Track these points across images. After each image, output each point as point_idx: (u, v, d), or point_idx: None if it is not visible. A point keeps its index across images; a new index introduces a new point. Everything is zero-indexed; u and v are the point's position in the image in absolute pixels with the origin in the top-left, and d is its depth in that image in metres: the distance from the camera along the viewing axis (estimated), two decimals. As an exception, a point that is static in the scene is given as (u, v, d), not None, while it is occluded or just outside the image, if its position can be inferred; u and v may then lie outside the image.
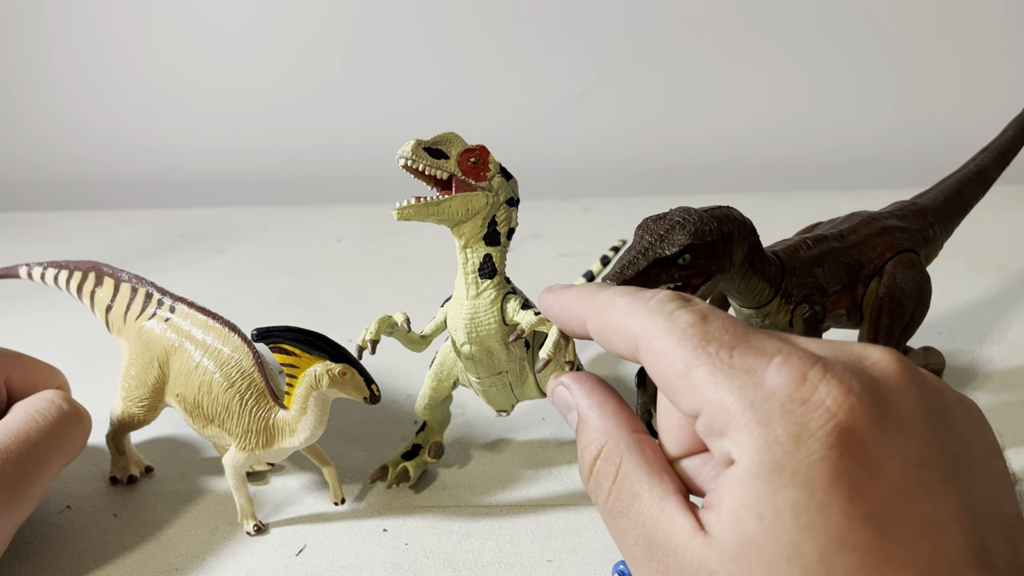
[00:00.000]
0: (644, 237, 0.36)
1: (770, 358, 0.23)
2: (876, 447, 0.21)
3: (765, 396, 0.22)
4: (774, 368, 0.22)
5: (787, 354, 0.22)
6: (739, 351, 0.23)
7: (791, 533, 0.21)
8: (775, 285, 0.39)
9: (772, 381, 0.22)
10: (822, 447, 0.21)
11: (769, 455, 0.21)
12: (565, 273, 0.76)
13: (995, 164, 0.53)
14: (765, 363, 0.22)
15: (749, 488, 0.22)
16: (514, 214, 0.40)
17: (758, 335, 0.24)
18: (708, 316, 0.25)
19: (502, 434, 0.50)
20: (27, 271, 0.50)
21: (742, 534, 0.22)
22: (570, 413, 0.29)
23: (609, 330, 0.27)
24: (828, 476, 0.21)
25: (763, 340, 0.23)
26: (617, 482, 0.26)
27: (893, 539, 0.20)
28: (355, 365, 0.39)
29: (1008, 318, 0.64)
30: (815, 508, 0.20)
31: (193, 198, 1.12)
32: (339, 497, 0.43)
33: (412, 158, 0.37)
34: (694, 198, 0.47)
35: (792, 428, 0.21)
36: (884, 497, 0.20)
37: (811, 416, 0.21)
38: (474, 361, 0.41)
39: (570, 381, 0.29)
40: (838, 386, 0.21)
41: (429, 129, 0.40)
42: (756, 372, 0.22)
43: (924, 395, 0.22)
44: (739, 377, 0.23)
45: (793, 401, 0.21)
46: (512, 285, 0.41)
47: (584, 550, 0.40)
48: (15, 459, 0.37)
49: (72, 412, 0.41)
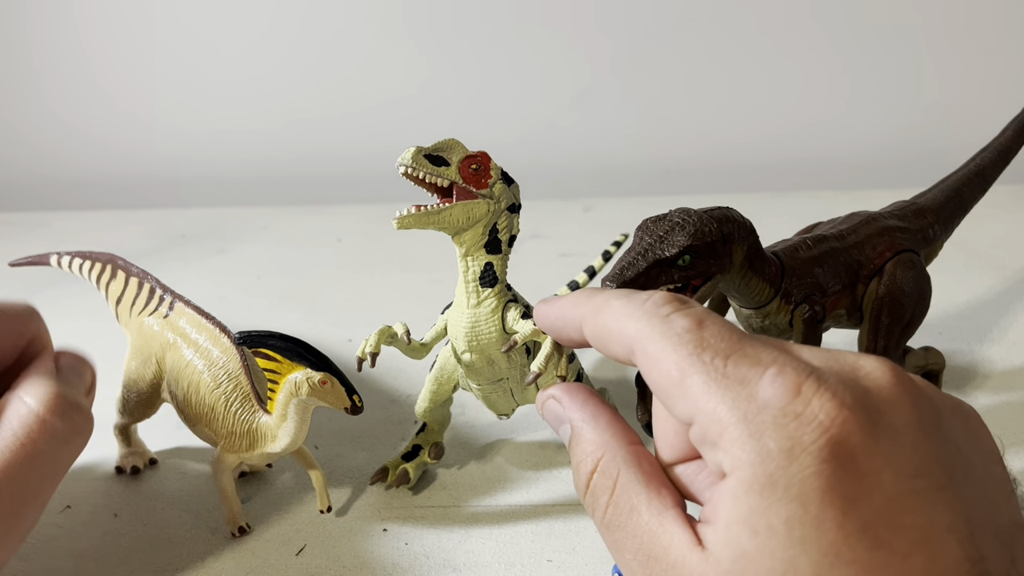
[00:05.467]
0: (644, 238, 0.36)
1: (764, 369, 0.22)
2: (869, 460, 0.21)
3: (758, 408, 0.22)
4: (768, 380, 0.22)
5: (781, 365, 0.22)
6: (734, 360, 0.23)
7: (786, 548, 0.21)
8: (775, 285, 0.39)
9: (766, 393, 0.22)
10: (815, 461, 0.21)
11: (762, 469, 0.21)
12: (565, 273, 0.75)
13: (995, 164, 0.53)
14: (759, 374, 0.22)
15: (743, 503, 0.22)
16: (516, 221, 0.40)
17: (754, 343, 0.24)
18: (704, 321, 0.24)
19: (502, 435, 0.50)
20: (57, 259, 0.52)
21: (737, 549, 0.22)
22: (562, 426, 0.29)
23: (605, 333, 0.27)
24: (821, 490, 0.21)
25: (758, 349, 0.23)
26: (615, 496, 0.26)
27: (888, 551, 0.20)
28: (337, 375, 0.38)
29: (1008, 318, 0.64)
30: (809, 523, 0.20)
31: (193, 198, 1.12)
32: (325, 505, 0.42)
33: (412, 166, 0.36)
34: (694, 198, 0.47)
35: (785, 442, 0.21)
36: (878, 509, 0.20)
37: (804, 430, 0.21)
38: (474, 368, 0.41)
39: (561, 394, 0.29)
40: (831, 400, 0.21)
41: (429, 129, 0.40)
42: (750, 383, 0.22)
43: (917, 404, 0.22)
44: (733, 388, 0.22)
45: (786, 415, 0.21)
46: (513, 293, 0.41)
47: (584, 550, 0.40)
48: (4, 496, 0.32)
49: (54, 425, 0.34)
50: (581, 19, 1.07)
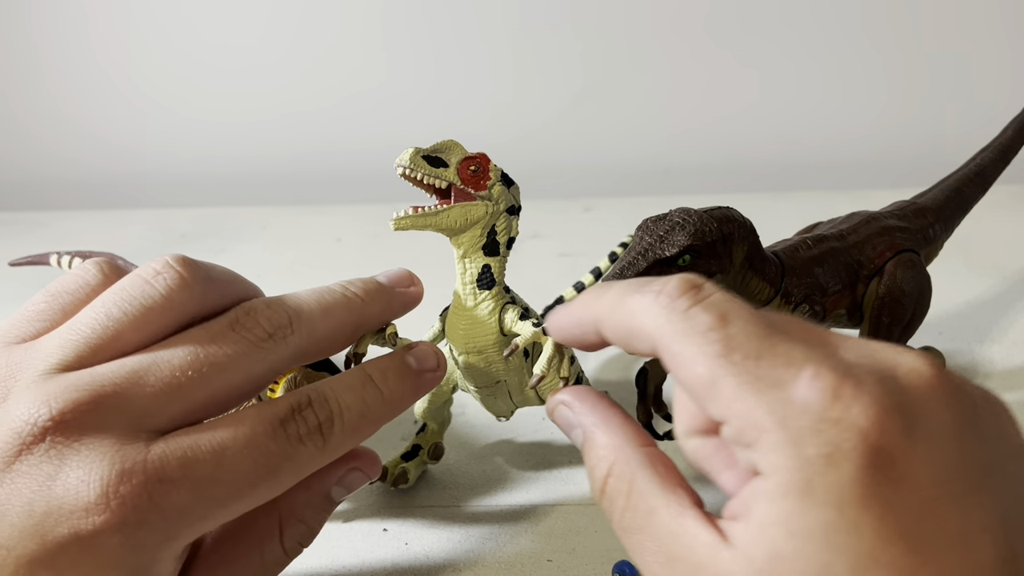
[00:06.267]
0: (644, 238, 0.36)
1: (798, 370, 0.22)
2: (906, 464, 0.21)
3: (796, 414, 0.22)
4: (804, 383, 0.22)
5: (817, 366, 0.22)
6: (766, 361, 0.23)
7: (822, 552, 0.21)
8: (775, 285, 0.39)
9: (803, 397, 0.22)
10: (854, 468, 0.21)
11: (800, 475, 0.21)
12: (565, 273, 0.75)
13: (995, 163, 0.53)
14: (794, 375, 0.22)
15: (779, 506, 0.22)
16: (515, 223, 0.40)
17: (785, 339, 0.23)
18: (727, 316, 0.24)
19: (502, 435, 0.50)
20: (57, 259, 0.53)
21: (771, 551, 0.22)
22: (574, 431, 0.29)
23: (624, 332, 0.27)
24: (858, 496, 0.21)
25: (790, 346, 0.23)
26: (632, 499, 0.26)
27: (923, 554, 0.20)
28: (333, 373, 0.38)
29: (1008, 318, 0.64)
30: (845, 528, 0.21)
31: (193, 198, 1.12)
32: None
33: (410, 167, 0.36)
34: (694, 198, 0.47)
35: (824, 448, 0.21)
36: (914, 513, 0.21)
37: (843, 436, 0.21)
38: (472, 370, 0.41)
39: (571, 399, 0.29)
40: (871, 405, 0.21)
41: (429, 129, 0.40)
42: (785, 386, 0.22)
43: (954, 403, 0.22)
44: (767, 392, 0.22)
45: (825, 420, 0.21)
46: (512, 294, 0.41)
47: (584, 550, 0.40)
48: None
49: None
50: (581, 19, 1.07)
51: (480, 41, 1.09)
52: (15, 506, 0.25)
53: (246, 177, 1.14)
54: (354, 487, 0.34)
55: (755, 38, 1.08)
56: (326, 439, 0.30)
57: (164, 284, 0.30)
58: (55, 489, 0.25)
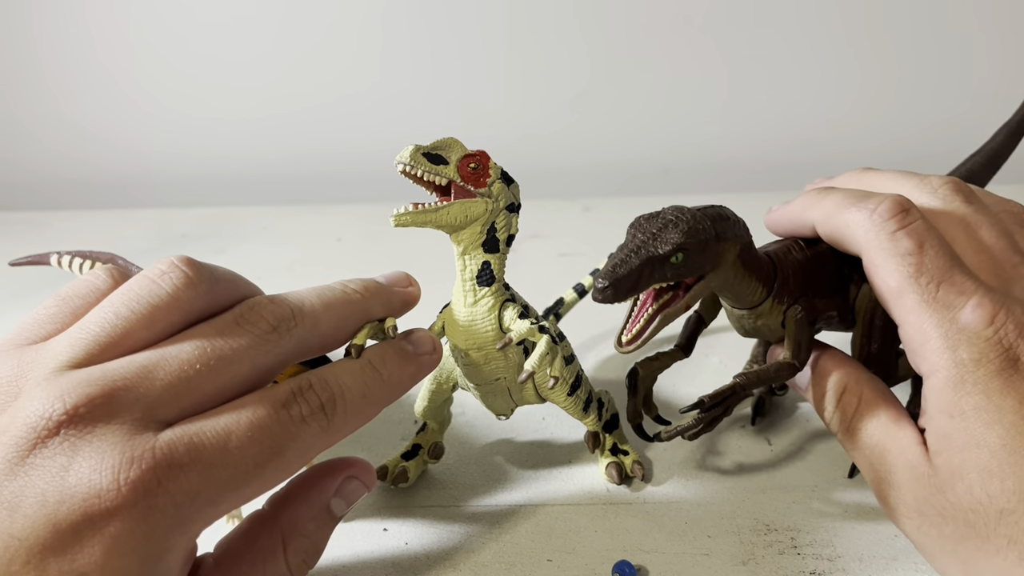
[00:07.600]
0: (636, 235, 0.36)
1: (968, 298, 0.31)
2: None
3: (958, 329, 0.31)
4: (970, 308, 0.31)
5: (981, 296, 0.31)
6: (944, 287, 0.31)
7: (976, 427, 0.30)
8: (768, 286, 0.39)
9: (966, 318, 0.31)
10: (996, 368, 0.30)
11: (956, 372, 0.30)
12: (565, 273, 0.76)
13: (985, 168, 0.53)
14: (963, 302, 0.31)
15: (940, 396, 0.31)
16: (514, 220, 0.40)
17: (963, 271, 0.32)
18: (924, 244, 0.32)
19: (502, 434, 0.51)
20: (57, 259, 0.53)
21: (939, 431, 0.31)
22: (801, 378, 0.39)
23: (838, 236, 0.36)
24: (1000, 387, 0.30)
25: (965, 278, 0.31)
26: (860, 407, 0.35)
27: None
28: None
29: (1007, 318, 0.64)
30: (992, 409, 0.29)
31: (193, 198, 1.12)
32: None
33: (410, 164, 0.36)
34: (693, 198, 0.47)
35: (975, 354, 0.30)
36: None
37: (991, 348, 0.30)
38: (471, 367, 0.41)
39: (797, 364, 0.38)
40: (1015, 329, 0.30)
41: (429, 128, 0.40)
42: (955, 308, 0.31)
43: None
44: (940, 311, 0.31)
45: (979, 336, 0.30)
46: (511, 292, 0.41)
47: (584, 550, 0.40)
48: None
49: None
50: (581, 19, 1.08)
51: (480, 41, 1.09)
52: (29, 497, 0.25)
53: (246, 177, 1.14)
54: (353, 499, 0.35)
55: (755, 38, 1.08)
56: (330, 419, 0.30)
57: (170, 283, 0.30)
58: (68, 479, 0.25)
